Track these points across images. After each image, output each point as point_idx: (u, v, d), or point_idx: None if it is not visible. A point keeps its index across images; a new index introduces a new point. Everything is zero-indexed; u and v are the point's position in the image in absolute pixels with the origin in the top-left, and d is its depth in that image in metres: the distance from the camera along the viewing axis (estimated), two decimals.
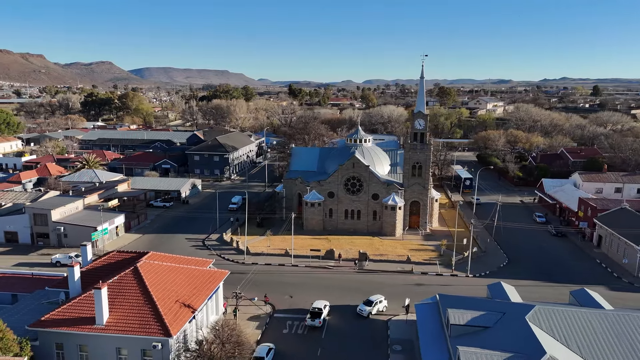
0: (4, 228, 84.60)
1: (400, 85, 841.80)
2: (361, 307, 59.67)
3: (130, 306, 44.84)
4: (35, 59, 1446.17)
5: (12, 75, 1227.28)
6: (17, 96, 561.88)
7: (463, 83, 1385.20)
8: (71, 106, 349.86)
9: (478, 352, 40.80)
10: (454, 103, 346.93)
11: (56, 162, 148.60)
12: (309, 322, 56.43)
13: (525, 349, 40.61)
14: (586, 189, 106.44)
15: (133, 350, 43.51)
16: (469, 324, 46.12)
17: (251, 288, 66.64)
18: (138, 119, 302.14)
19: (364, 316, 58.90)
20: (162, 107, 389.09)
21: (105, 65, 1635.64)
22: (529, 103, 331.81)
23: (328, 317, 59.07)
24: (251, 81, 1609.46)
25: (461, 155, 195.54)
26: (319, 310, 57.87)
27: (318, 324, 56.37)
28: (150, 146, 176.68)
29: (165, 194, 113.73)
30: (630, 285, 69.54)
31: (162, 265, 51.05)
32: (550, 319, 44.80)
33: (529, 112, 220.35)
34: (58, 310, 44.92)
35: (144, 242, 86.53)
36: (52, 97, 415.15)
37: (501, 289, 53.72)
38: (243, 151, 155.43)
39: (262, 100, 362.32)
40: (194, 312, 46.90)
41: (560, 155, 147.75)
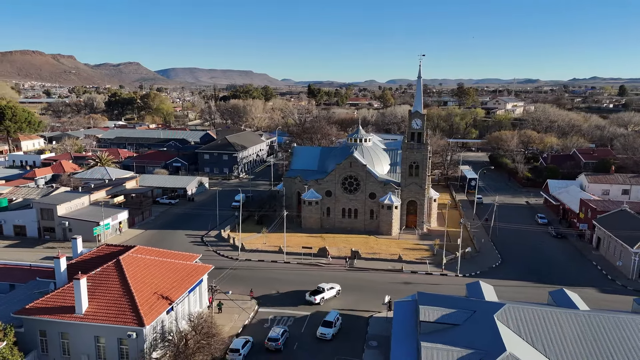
0: (13, 222, 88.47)
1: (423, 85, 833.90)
2: (322, 331, 54.32)
3: (109, 297, 46.85)
4: (66, 60, 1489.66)
5: (44, 76, 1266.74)
6: (47, 96, 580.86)
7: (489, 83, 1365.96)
8: (96, 106, 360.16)
9: (439, 347, 41.31)
10: (473, 103, 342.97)
11: (73, 159, 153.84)
12: (307, 297, 62.62)
13: (487, 345, 40.92)
14: (592, 191, 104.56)
15: (110, 338, 45.45)
16: (438, 321, 46.52)
17: (239, 283, 68.25)
18: (158, 118, 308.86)
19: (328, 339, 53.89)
20: (183, 107, 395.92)
21: (133, 66, 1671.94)
22: (551, 103, 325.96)
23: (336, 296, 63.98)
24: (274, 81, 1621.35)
25: (474, 155, 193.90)
26: (322, 289, 63.28)
27: (314, 301, 61.79)
28: (165, 145, 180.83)
29: (171, 191, 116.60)
30: (623, 288, 68.41)
31: (145, 259, 53.00)
32: (518, 318, 44.88)
33: (546, 112, 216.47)
34: (42, 299, 47.27)
35: (145, 237, 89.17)
36: (78, 97, 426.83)
37: (478, 287, 53.86)
38: (252, 150, 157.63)
39: (279, 100, 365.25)
40: (171, 304, 48.63)
41: (573, 156, 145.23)
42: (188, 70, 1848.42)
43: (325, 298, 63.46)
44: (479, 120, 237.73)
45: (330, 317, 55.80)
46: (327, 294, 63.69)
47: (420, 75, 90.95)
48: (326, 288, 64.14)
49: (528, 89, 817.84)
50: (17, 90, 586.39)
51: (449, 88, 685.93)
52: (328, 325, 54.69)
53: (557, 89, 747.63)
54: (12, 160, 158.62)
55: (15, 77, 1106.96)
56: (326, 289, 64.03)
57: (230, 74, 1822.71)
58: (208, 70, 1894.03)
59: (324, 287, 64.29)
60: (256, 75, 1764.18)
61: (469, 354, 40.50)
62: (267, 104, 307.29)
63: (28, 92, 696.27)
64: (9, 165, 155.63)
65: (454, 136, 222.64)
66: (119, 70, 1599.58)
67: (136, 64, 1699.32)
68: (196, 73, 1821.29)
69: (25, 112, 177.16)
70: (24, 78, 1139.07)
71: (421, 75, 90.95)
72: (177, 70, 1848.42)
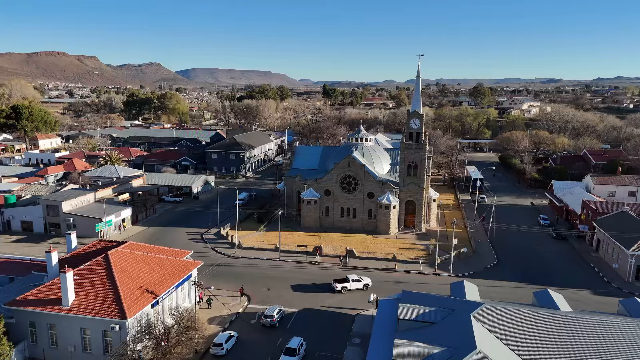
0: (20, 218, 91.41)
1: (441, 85, 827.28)
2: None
3: (95, 290, 48.39)
4: (90, 61, 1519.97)
5: (68, 76, 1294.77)
6: (69, 96, 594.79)
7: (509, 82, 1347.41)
8: (114, 106, 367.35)
9: (411, 344, 41.70)
10: (489, 103, 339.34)
11: (86, 158, 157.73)
12: (332, 284, 66.26)
13: (459, 343, 41.14)
14: (598, 192, 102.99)
15: (95, 330, 46.96)
16: (416, 319, 46.86)
17: (233, 279, 69.42)
18: (174, 118, 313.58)
19: None
20: (198, 107, 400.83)
21: (154, 67, 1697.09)
22: (568, 103, 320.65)
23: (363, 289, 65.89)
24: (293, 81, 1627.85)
25: (485, 156, 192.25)
26: (346, 279, 66.60)
27: (335, 288, 65.33)
28: (176, 144, 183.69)
29: (177, 189, 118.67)
30: (618, 291, 67.44)
31: (133, 254, 54.47)
32: (495, 317, 44.94)
33: (560, 112, 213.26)
34: (32, 292, 49.09)
35: (147, 234, 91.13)
36: (97, 98, 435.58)
37: (461, 287, 53.87)
38: (260, 150, 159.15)
39: (294, 100, 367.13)
40: (155, 298, 49.94)
41: (583, 157, 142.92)
42: (208, 71, 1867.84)
43: (349, 288, 65.47)
44: (492, 120, 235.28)
45: (293, 344, 49.88)
46: (351, 285, 65.74)
47: (419, 75, 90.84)
48: (351, 279, 66.31)
49: (549, 88, 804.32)
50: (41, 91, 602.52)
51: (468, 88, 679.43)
52: (291, 354, 48.62)
53: (578, 88, 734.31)
54: (28, 159, 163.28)
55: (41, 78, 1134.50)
56: (351, 279, 66.20)
57: (249, 74, 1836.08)
58: (227, 71, 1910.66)
59: (350, 277, 66.61)
60: (274, 76, 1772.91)
61: (439, 351, 40.79)
62: (283, 103, 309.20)
63: (52, 92, 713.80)
64: (25, 163, 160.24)
65: (466, 136, 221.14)
66: (140, 70, 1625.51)
67: (157, 65, 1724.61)
68: (216, 73, 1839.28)
69: (41, 112, 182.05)
70: (48, 78, 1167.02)
71: (420, 75, 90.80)
72: (197, 70, 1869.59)
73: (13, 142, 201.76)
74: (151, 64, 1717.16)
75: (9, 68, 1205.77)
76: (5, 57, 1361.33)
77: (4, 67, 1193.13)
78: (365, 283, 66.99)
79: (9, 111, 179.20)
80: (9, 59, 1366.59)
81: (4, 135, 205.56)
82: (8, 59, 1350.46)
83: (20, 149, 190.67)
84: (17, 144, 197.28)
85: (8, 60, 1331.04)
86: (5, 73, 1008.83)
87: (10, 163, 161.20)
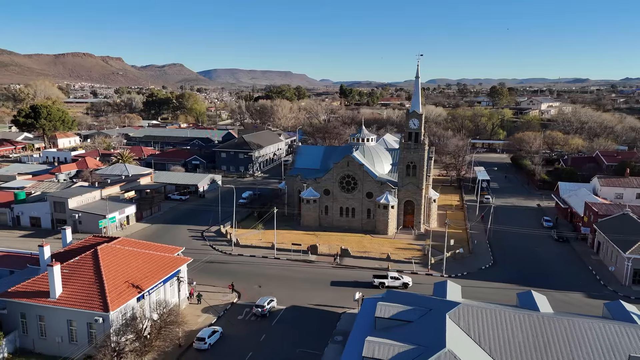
0: (29, 214, 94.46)
1: (462, 85, 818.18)
2: None
3: (82, 283, 50.01)
4: (114, 62, 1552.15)
5: (94, 77, 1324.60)
6: (94, 96, 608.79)
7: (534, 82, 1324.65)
8: (134, 105, 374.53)
9: (382, 342, 42.02)
10: (507, 103, 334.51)
11: (100, 156, 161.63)
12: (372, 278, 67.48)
13: (430, 342, 41.31)
14: (605, 194, 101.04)
15: (80, 322, 48.55)
16: (393, 318, 47.16)
17: (227, 276, 70.53)
18: (191, 118, 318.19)
19: None
20: (216, 107, 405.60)
21: (177, 68, 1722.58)
22: (590, 104, 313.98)
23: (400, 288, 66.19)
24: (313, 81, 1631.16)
25: (498, 157, 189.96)
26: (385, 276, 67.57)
27: (374, 282, 66.61)
28: (189, 143, 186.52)
29: (183, 187, 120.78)
30: (613, 294, 66.12)
31: (123, 250, 56.03)
32: (471, 317, 44.91)
33: (578, 113, 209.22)
34: (24, 284, 51.03)
35: (149, 231, 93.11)
36: (118, 98, 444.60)
37: (444, 287, 53.79)
38: (269, 149, 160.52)
39: (311, 100, 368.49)
40: (140, 292, 51.32)
41: (595, 158, 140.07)
42: (229, 72, 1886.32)
43: (386, 285, 66.50)
44: (507, 121, 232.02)
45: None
46: (389, 282, 66.78)
47: (418, 75, 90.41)
48: (390, 276, 67.47)
49: (573, 88, 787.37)
50: (67, 91, 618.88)
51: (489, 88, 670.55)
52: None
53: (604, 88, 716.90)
54: (45, 157, 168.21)
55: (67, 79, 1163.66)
56: (390, 276, 67.35)
57: (269, 74, 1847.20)
58: (248, 71, 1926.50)
59: (389, 274, 67.89)
60: (295, 76, 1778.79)
61: (409, 349, 41.01)
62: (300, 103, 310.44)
63: (78, 92, 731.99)
64: (43, 161, 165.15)
65: (480, 137, 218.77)
66: (163, 71, 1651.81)
67: (180, 66, 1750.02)
68: (237, 74, 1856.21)
69: (59, 112, 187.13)
70: (75, 79, 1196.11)
71: (419, 76, 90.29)
72: (218, 71, 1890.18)
73: (33, 140, 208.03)
74: (174, 65, 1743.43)
75: (38, 69, 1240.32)
76: (34, 58, 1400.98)
77: (32, 68, 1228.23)
78: (404, 282, 67.34)
79: (28, 111, 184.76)
80: (38, 60, 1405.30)
81: (25, 134, 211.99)
82: (37, 60, 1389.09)
83: (40, 148, 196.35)
84: (37, 143, 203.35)
85: (37, 61, 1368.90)
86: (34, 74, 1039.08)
87: (29, 161, 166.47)
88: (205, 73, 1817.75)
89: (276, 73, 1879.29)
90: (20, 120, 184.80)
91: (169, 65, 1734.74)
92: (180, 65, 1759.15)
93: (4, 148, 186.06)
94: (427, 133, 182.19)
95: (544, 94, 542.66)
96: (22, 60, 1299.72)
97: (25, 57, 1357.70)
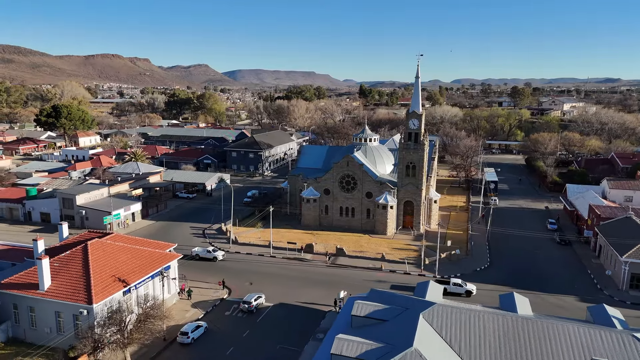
0: (40, 209, 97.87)
1: (486, 85, 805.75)
2: None
3: (70, 277, 51.81)
4: (142, 63, 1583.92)
5: (121, 77, 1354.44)
6: (120, 96, 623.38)
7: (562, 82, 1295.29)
8: (157, 105, 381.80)
9: (351, 339, 42.36)
10: (528, 104, 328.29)
11: (116, 155, 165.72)
12: None
13: (400, 341, 41.44)
14: (614, 197, 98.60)
15: (67, 314, 50.33)
16: (368, 316, 47.44)
17: (221, 273, 71.79)
18: (210, 118, 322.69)
19: None
20: (235, 107, 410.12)
21: (202, 68, 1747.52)
22: (616, 104, 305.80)
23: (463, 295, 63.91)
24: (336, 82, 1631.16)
25: (513, 158, 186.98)
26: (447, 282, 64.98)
27: None
28: (204, 143, 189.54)
29: (192, 186, 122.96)
30: (609, 299, 64.66)
31: (113, 245, 57.72)
32: (444, 317, 44.85)
33: (598, 114, 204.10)
34: (17, 276, 53.17)
35: (152, 228, 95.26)
36: (141, 98, 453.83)
37: (425, 287, 53.57)
38: (280, 149, 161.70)
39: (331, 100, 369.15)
40: (126, 287, 52.83)
41: (610, 160, 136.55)
42: (253, 72, 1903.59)
43: (447, 291, 63.78)
44: (526, 121, 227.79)
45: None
46: (451, 289, 64.54)
47: (418, 75, 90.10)
48: (452, 282, 65.45)
49: (602, 88, 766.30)
50: (95, 91, 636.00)
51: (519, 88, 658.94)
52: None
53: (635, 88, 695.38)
54: (65, 155, 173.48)
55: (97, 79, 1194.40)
56: (452, 282, 65.37)
57: (293, 75, 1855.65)
58: (272, 72, 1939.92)
59: (452, 280, 65.94)
60: (318, 76, 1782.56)
61: (377, 347, 41.26)
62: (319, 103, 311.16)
63: (106, 92, 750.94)
64: (62, 159, 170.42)
65: (496, 137, 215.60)
66: (189, 72, 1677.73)
67: (205, 66, 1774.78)
68: (261, 74, 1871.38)
69: (79, 111, 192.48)
70: (104, 79, 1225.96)
71: (419, 76, 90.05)
72: (243, 71, 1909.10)
73: (56, 139, 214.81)
74: (199, 66, 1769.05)
75: (68, 70, 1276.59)
76: (65, 59, 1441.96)
77: (63, 69, 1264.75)
78: (468, 289, 64.79)
79: (49, 110, 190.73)
80: (69, 61, 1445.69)
81: (49, 133, 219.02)
82: (68, 61, 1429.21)
83: (61, 146, 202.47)
84: (59, 141, 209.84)
85: (67, 63, 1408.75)
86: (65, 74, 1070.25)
87: (49, 159, 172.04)
88: (230, 74, 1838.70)
89: (300, 73, 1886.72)
90: (42, 120, 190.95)
91: (194, 66, 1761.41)
92: (205, 65, 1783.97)
93: (27, 146, 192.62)
94: (442, 133, 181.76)
95: (570, 94, 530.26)
96: (54, 62, 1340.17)
97: (57, 58, 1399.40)
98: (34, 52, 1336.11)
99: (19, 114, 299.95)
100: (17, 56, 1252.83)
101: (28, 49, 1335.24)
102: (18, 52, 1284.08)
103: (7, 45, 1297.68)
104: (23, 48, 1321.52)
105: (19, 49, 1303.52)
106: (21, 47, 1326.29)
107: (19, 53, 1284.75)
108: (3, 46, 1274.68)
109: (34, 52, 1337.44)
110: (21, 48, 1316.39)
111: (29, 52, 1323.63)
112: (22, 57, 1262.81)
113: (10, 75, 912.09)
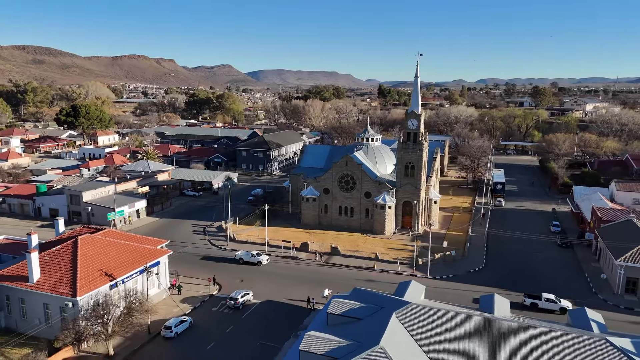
0: (49, 205, 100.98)
1: (511, 84, 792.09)
2: None
3: (59, 270, 53.56)
4: (167, 64, 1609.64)
5: (147, 78, 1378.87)
6: (145, 96, 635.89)
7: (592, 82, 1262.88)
8: (177, 105, 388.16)
9: (320, 336, 42.81)
10: (549, 104, 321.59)
11: (131, 153, 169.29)
12: None
13: (369, 339, 41.60)
14: (622, 199, 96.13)
15: (54, 306, 52.05)
16: (343, 314, 47.70)
17: (215, 269, 72.93)
18: (229, 117, 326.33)
19: None
20: (254, 107, 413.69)
21: (226, 69, 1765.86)
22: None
23: None
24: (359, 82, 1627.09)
25: (527, 159, 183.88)
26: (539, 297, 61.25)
27: None
28: (217, 142, 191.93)
29: (199, 184, 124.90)
30: (602, 302, 63.26)
31: (103, 240, 59.37)
32: (417, 317, 44.83)
33: (619, 115, 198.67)
34: (9, 268, 55.23)
35: (155, 225, 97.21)
36: (162, 97, 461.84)
37: (406, 287, 53.41)
38: (289, 149, 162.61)
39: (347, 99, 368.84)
40: (112, 281, 54.29)
41: (625, 161, 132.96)
42: (276, 72, 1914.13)
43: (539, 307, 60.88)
44: (544, 122, 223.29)
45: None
46: (542, 304, 61.11)
47: (417, 75, 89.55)
48: (544, 297, 61.36)
49: (632, 88, 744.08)
50: (121, 92, 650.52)
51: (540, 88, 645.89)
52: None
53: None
54: (82, 153, 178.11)
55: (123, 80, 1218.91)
56: (544, 298, 61.36)
57: (315, 75, 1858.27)
58: (295, 72, 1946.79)
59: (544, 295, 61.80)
60: (341, 76, 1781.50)
61: (344, 345, 41.58)
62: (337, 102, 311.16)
63: (131, 92, 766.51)
64: (80, 157, 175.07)
65: (512, 138, 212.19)
66: (212, 72, 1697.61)
67: (228, 67, 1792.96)
68: (284, 75, 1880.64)
69: (97, 111, 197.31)
70: (130, 80, 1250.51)
71: (418, 76, 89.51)
72: (265, 72, 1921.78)
73: (76, 138, 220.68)
74: (223, 66, 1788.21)
75: (96, 70, 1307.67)
76: (93, 60, 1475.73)
77: (91, 70, 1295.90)
78: (562, 306, 60.13)
79: (68, 109, 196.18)
80: (97, 62, 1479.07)
81: (70, 131, 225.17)
82: (96, 62, 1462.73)
83: (80, 144, 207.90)
84: (79, 140, 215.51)
85: (95, 63, 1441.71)
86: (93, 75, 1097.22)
87: (67, 157, 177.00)
88: (253, 74, 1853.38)
89: (322, 73, 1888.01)
90: (62, 119, 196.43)
91: (218, 67, 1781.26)
92: (229, 66, 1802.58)
93: (47, 144, 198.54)
94: (455, 133, 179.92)
95: (597, 94, 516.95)
96: (82, 62, 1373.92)
97: (85, 59, 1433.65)
98: (63, 53, 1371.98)
99: (44, 113, 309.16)
100: (48, 57, 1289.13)
101: (58, 50, 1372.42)
102: (49, 53, 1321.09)
103: (38, 46, 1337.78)
104: (53, 49, 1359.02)
105: (49, 50, 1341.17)
106: (52, 48, 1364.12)
107: (50, 54, 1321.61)
108: (35, 47, 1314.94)
109: (64, 53, 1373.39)
110: (52, 49, 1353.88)
111: (59, 53, 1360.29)
112: (52, 58, 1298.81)
113: (41, 76, 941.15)
